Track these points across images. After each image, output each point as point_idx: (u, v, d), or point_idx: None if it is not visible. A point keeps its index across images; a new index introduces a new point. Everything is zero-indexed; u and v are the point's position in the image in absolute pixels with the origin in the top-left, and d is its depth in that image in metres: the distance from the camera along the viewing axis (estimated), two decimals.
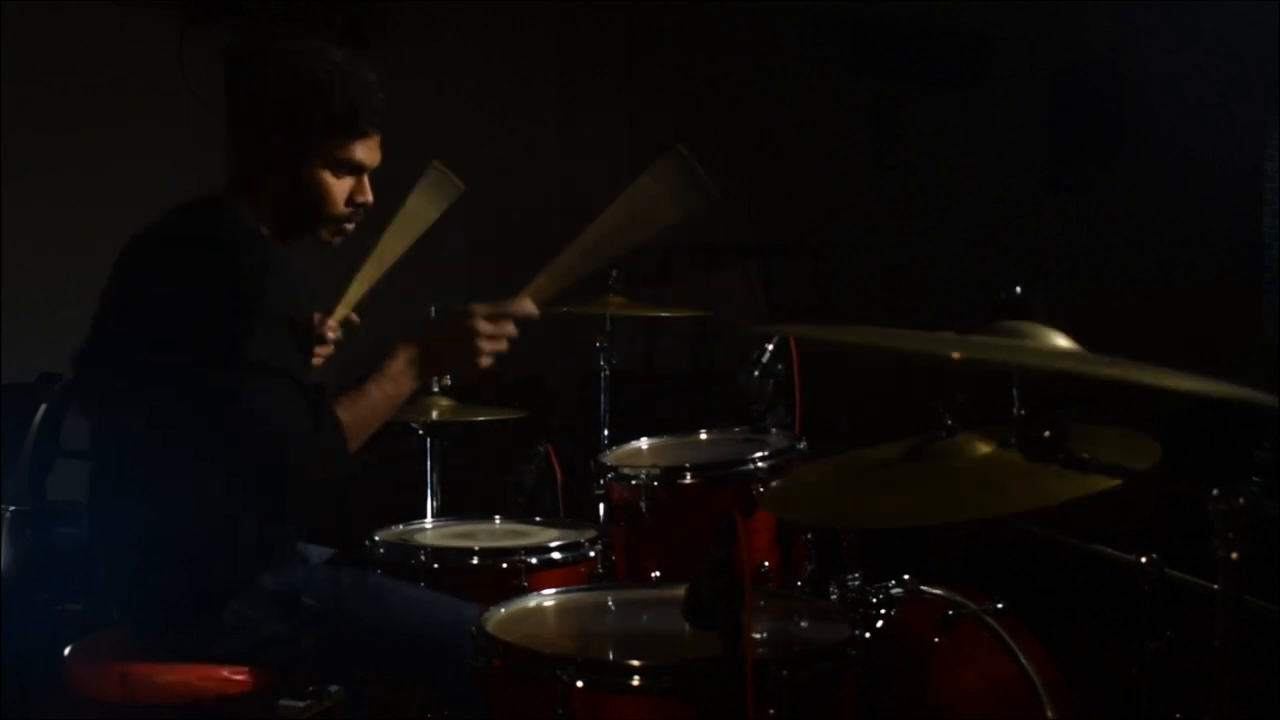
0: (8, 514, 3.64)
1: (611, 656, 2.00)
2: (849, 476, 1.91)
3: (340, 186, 2.41)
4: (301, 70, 2.35)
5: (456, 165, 2.72)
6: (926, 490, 1.77)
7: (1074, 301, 1.94)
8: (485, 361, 2.36)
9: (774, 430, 3.05)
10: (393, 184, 2.65)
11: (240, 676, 2.31)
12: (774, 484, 2.77)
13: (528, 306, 2.40)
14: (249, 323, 2.19)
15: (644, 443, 3.18)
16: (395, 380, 2.34)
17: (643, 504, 2.84)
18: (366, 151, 2.41)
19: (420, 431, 3.20)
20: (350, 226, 2.47)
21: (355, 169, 2.41)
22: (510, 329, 2.38)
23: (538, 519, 3.09)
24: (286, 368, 2.20)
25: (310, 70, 2.35)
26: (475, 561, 2.72)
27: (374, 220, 2.58)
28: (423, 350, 2.37)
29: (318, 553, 2.58)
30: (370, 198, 2.45)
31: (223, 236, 2.30)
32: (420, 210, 2.78)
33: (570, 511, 3.23)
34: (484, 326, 2.36)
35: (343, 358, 2.75)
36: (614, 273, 3.30)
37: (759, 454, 2.85)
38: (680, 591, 1.75)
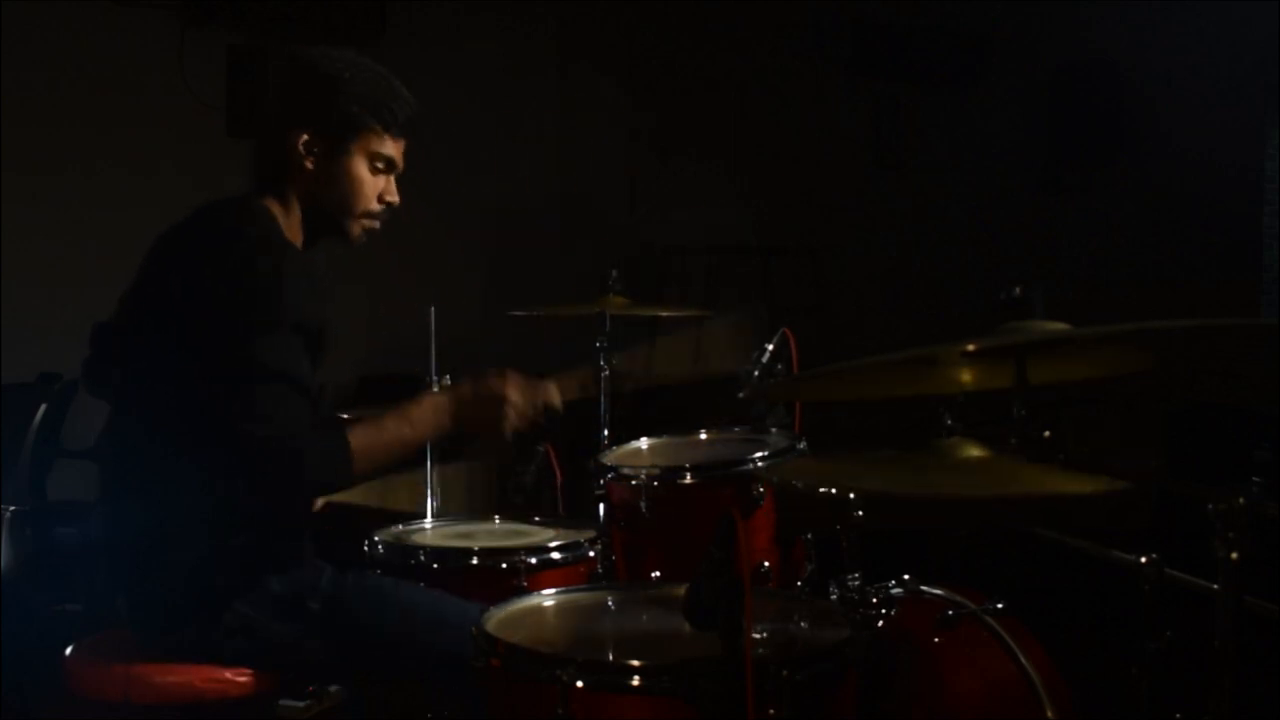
0: (8, 514, 3.64)
1: (611, 656, 2.00)
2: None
3: (374, 183, 2.45)
4: (334, 62, 2.41)
5: (456, 165, 2.72)
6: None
7: (1074, 301, 1.94)
8: (508, 430, 2.40)
9: (774, 430, 3.05)
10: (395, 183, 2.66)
11: (242, 677, 2.31)
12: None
13: (554, 396, 2.47)
14: (259, 326, 2.20)
15: (644, 443, 3.18)
16: (414, 423, 2.36)
17: (643, 504, 2.84)
18: (398, 152, 2.47)
19: None
20: (376, 225, 2.50)
21: (388, 166, 2.46)
22: (537, 408, 2.43)
23: (537, 519, 3.08)
24: (293, 372, 2.22)
25: (343, 62, 2.41)
26: (475, 562, 2.72)
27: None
28: (451, 402, 2.39)
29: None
30: (398, 199, 2.49)
31: (241, 238, 2.30)
32: None
33: (570, 511, 3.22)
34: (515, 395, 2.40)
35: (344, 359, 2.75)
36: (614, 273, 3.29)
37: (759, 454, 2.84)
38: (680, 591, 1.75)
